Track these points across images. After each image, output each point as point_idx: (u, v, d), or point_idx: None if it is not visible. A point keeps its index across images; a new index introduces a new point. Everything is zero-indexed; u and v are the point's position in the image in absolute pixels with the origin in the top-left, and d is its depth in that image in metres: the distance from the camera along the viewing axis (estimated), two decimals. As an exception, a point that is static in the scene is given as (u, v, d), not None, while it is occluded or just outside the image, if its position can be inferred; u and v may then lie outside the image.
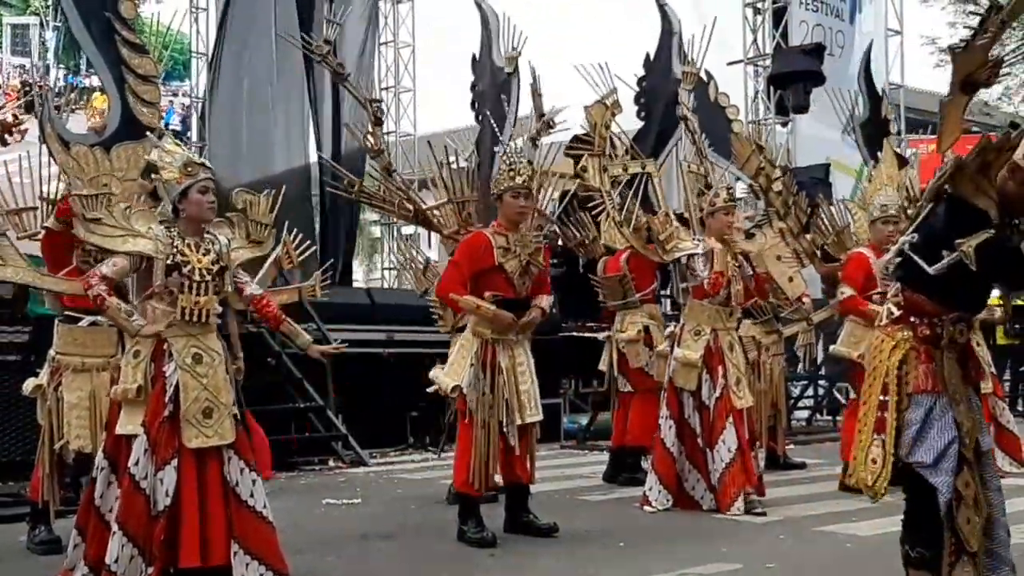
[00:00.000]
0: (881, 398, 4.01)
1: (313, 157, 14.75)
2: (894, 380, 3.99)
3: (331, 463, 9.72)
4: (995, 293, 14.05)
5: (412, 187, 7.93)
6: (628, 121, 8.99)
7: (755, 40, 17.25)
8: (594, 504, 7.76)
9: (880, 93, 10.41)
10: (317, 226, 14.59)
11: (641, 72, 10.76)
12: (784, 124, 16.42)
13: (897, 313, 4.08)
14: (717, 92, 8.87)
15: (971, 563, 3.96)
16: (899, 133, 17.90)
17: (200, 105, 15.77)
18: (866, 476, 4.03)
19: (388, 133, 17.35)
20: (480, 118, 11.49)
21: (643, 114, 9.96)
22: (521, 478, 6.43)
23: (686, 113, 8.49)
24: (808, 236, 8.95)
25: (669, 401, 7.38)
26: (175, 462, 4.81)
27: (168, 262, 4.92)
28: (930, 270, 3.86)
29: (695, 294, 7.39)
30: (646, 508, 7.26)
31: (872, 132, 10.43)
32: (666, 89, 8.78)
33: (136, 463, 4.79)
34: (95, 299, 4.86)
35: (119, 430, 4.89)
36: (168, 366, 4.90)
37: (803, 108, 15.43)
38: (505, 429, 6.24)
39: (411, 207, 7.56)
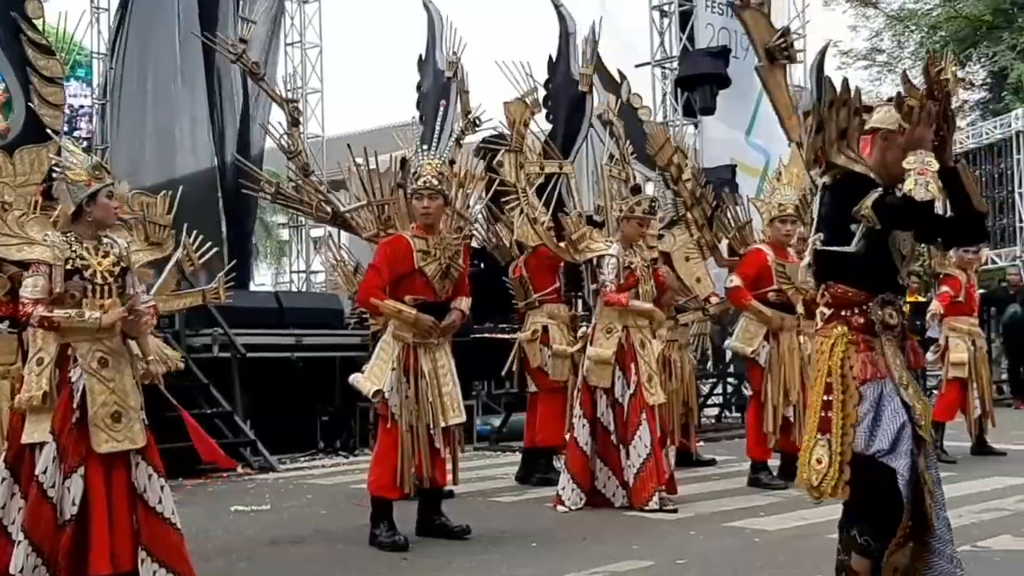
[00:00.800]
0: (825, 398, 3.99)
1: (217, 160, 14.52)
2: (838, 378, 3.97)
3: (239, 469, 9.57)
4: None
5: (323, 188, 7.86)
6: (540, 123, 9.04)
7: (662, 43, 17.42)
8: (507, 505, 7.76)
9: None
10: (224, 229, 14.36)
11: (545, 75, 10.78)
12: (695, 125, 16.62)
13: (828, 312, 4.07)
14: (630, 93, 8.96)
15: (919, 547, 4.02)
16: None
17: (100, 107, 15.44)
18: (811, 477, 3.98)
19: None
20: (423, 118, 11.41)
21: (551, 116, 9.99)
22: (438, 481, 6.40)
23: (611, 118, 8.55)
24: (711, 230, 9.11)
25: (583, 400, 7.41)
26: (82, 470, 4.73)
27: (68, 267, 4.82)
28: (851, 248, 3.92)
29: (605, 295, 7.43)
30: (559, 508, 7.28)
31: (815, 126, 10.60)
32: (568, 92, 8.84)
33: (44, 471, 4.70)
34: (41, 323, 4.75)
35: (25, 439, 4.78)
36: (73, 371, 4.80)
37: (710, 110, 15.65)
38: (432, 432, 6.21)
39: (329, 209, 7.47)
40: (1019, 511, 6.99)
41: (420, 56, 13.38)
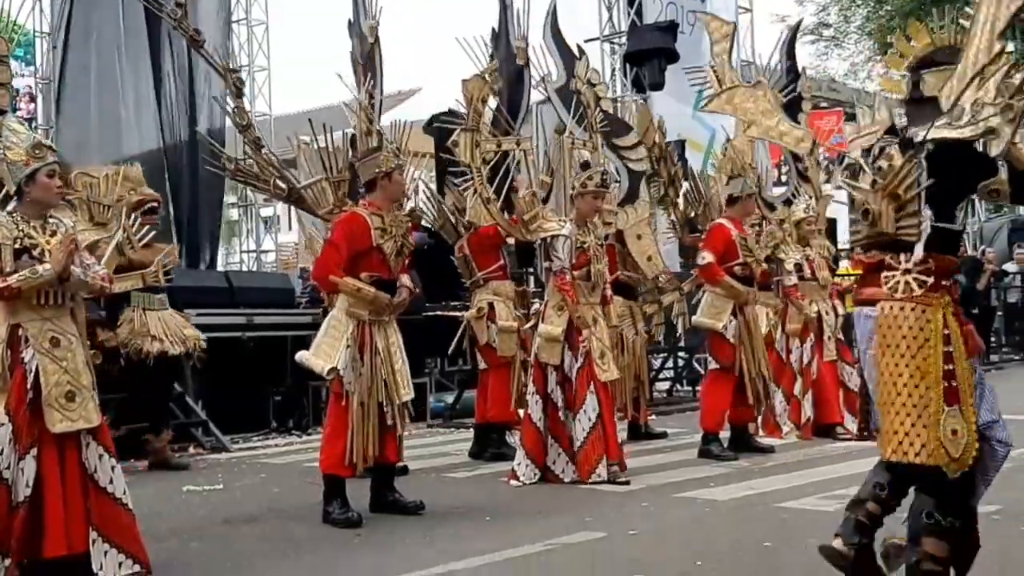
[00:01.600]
0: (947, 368, 3.89)
1: (163, 141, 14.38)
2: (959, 347, 3.93)
3: (191, 450, 9.52)
4: (844, 264, 14.64)
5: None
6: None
7: (610, 18, 17.44)
8: (461, 481, 7.79)
9: (800, 69, 10.77)
10: (171, 210, 14.25)
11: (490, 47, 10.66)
12: (644, 101, 16.66)
13: (930, 281, 3.98)
14: (588, 69, 8.99)
15: None
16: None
17: (45, 87, 15.22)
18: (950, 450, 3.85)
19: (243, 113, 17.01)
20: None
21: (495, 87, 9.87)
22: (391, 457, 6.41)
23: (580, 87, 8.53)
24: (680, 207, 9.19)
25: (535, 376, 7.45)
26: (35, 451, 4.73)
27: (16, 246, 4.79)
28: (957, 226, 4.02)
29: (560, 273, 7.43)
30: (513, 483, 7.32)
31: (785, 104, 10.77)
32: (508, 66, 8.77)
33: (1, 452, 4.68)
34: (1, 292, 4.71)
35: None
36: (26, 352, 4.79)
37: (659, 85, 15.68)
38: (386, 409, 6.22)
39: (284, 186, 7.41)
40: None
41: (348, 21, 13.23)
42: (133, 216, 7.40)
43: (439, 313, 10.89)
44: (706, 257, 8.41)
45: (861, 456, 8.17)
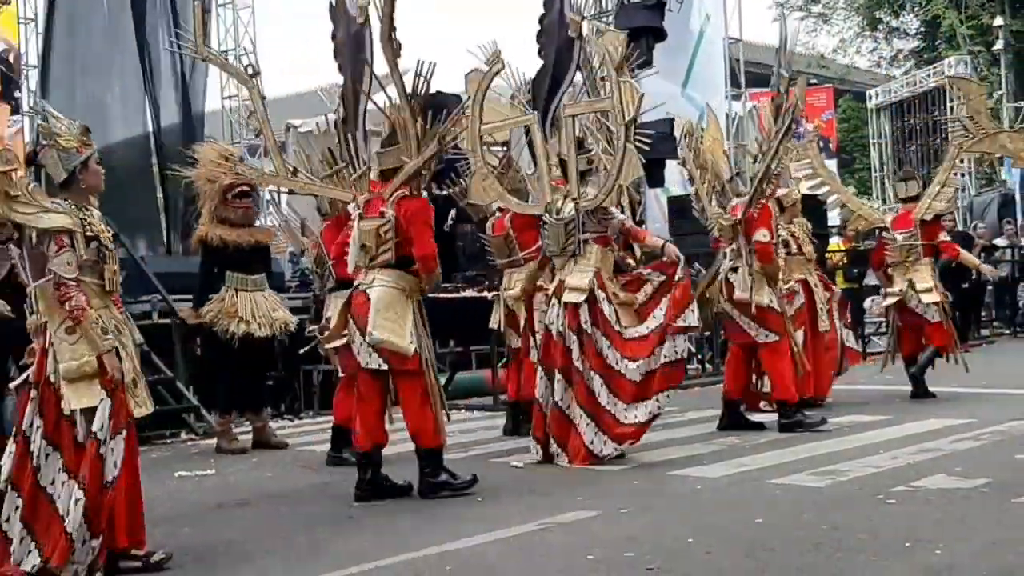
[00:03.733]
0: None
1: (150, 126, 14.29)
2: None
3: (183, 435, 9.52)
4: (834, 240, 14.70)
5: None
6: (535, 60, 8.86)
7: (598, -4, 17.38)
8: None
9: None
10: (160, 195, 14.20)
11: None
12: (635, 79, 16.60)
13: None
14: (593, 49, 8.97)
15: None
16: (740, 86, 18.36)
17: (28, 73, 15.11)
18: None
19: (230, 97, 16.96)
20: (341, 68, 11.19)
21: (542, 52, 9.76)
22: (384, 439, 6.48)
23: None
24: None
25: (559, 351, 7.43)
26: (124, 433, 4.75)
27: (88, 233, 4.78)
28: None
29: (602, 242, 7.39)
30: (513, 463, 7.32)
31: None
32: (559, 31, 8.60)
33: (101, 428, 4.66)
34: (73, 311, 4.66)
35: (75, 405, 4.67)
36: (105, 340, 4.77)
37: (647, 63, 15.63)
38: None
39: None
40: (953, 451, 7.15)
41: (330, 3, 13.09)
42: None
43: (435, 295, 10.88)
44: (766, 236, 8.39)
45: (852, 432, 8.20)
